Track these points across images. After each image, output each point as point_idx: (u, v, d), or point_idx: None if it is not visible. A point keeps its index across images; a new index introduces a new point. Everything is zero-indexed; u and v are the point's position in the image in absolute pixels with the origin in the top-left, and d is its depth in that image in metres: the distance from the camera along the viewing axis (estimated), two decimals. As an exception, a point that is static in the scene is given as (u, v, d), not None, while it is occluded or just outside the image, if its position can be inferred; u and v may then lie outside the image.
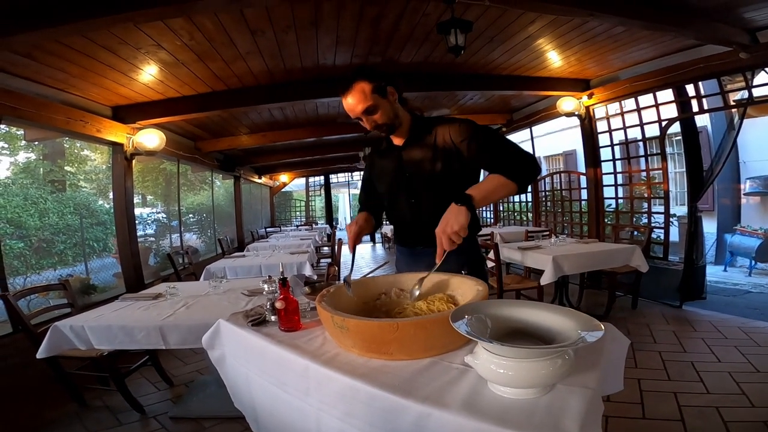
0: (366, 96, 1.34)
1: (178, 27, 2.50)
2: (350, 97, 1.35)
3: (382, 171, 1.60)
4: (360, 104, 1.35)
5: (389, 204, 1.61)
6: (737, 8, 2.65)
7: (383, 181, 1.61)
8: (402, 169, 1.50)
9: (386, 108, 1.39)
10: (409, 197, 1.50)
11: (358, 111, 1.37)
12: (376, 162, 1.63)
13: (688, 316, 3.57)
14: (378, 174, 1.63)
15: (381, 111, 1.37)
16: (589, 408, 0.74)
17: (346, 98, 1.37)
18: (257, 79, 3.66)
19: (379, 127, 1.41)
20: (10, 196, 4.37)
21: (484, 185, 1.30)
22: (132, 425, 2.27)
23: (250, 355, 1.27)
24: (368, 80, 1.34)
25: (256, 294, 2.34)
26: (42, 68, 2.79)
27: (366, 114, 1.37)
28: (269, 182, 11.04)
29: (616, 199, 4.79)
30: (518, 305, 0.96)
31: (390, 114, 1.40)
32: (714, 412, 2.04)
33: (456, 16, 2.54)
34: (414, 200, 1.49)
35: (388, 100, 1.39)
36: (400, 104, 1.46)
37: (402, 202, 1.54)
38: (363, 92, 1.34)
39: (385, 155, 1.57)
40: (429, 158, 1.43)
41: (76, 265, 4.74)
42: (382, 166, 1.59)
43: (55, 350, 2.06)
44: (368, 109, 1.36)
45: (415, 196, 1.49)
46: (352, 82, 1.35)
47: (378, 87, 1.35)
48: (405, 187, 1.51)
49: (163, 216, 6.54)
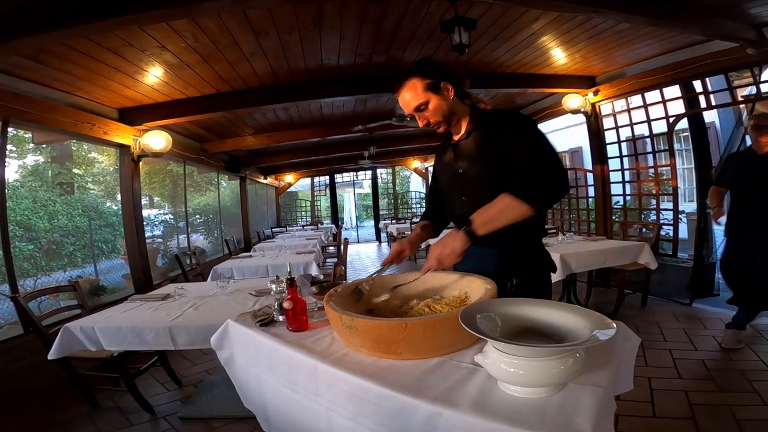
0: (417, 93, 1.31)
1: (183, 29, 2.52)
2: (403, 94, 1.33)
3: (442, 167, 1.56)
4: (412, 101, 1.32)
5: (446, 200, 1.57)
6: (743, 4, 2.61)
7: (441, 178, 1.57)
8: (455, 166, 1.45)
9: (439, 104, 1.33)
10: (461, 195, 1.45)
11: (410, 108, 1.34)
12: (441, 157, 1.58)
13: (698, 314, 3.53)
14: (439, 170, 1.59)
15: (432, 108, 1.33)
16: (602, 407, 0.74)
17: (400, 94, 1.34)
18: (261, 80, 3.68)
19: (430, 124, 1.37)
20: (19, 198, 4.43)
21: (489, 209, 1.21)
22: (142, 425, 2.29)
23: (260, 355, 1.27)
24: (421, 76, 1.30)
25: (263, 294, 2.35)
26: (49, 71, 2.82)
27: (417, 111, 1.34)
28: (275, 182, 11.08)
29: (623, 196, 4.75)
30: (528, 304, 0.95)
31: (444, 111, 1.35)
32: (727, 411, 2.01)
33: (459, 14, 2.53)
34: (465, 198, 1.43)
35: (441, 96, 1.33)
36: (459, 98, 1.40)
37: (455, 200, 1.49)
38: (414, 89, 1.31)
39: (446, 151, 1.52)
40: (480, 156, 1.36)
41: (86, 266, 4.79)
42: (442, 161, 1.55)
43: (66, 351, 2.08)
44: (420, 106, 1.33)
45: (467, 194, 1.43)
46: (405, 78, 1.32)
47: (431, 83, 1.31)
48: (458, 185, 1.45)
49: (170, 217, 6.59)
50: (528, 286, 1.33)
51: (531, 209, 1.18)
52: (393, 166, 12.79)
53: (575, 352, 0.78)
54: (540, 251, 1.42)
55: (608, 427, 0.73)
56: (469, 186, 1.40)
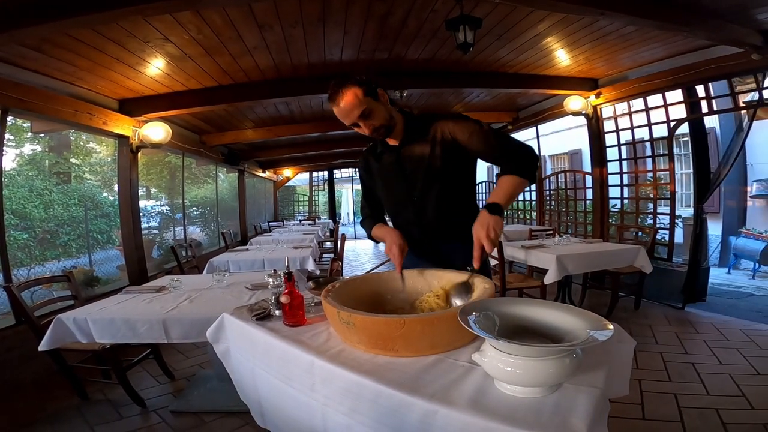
0: (360, 100, 1.31)
1: (187, 21, 2.50)
2: (342, 103, 1.32)
3: (380, 173, 1.58)
4: (355, 109, 1.32)
5: (391, 206, 1.60)
6: (751, 9, 2.61)
7: (383, 184, 1.59)
8: (402, 167, 1.49)
9: (381, 110, 1.38)
10: (412, 195, 1.49)
11: (354, 116, 1.34)
12: (373, 166, 1.60)
13: (690, 318, 3.55)
14: (377, 177, 1.61)
15: (376, 113, 1.36)
16: (597, 407, 0.74)
17: (338, 105, 1.32)
18: (264, 73, 3.66)
19: (377, 129, 1.39)
20: (15, 187, 4.39)
21: (504, 190, 1.35)
22: (133, 419, 2.27)
23: (255, 349, 1.27)
24: (358, 85, 1.32)
25: (259, 288, 2.33)
26: (50, 61, 2.80)
27: (362, 118, 1.35)
28: (273, 176, 11.05)
29: (621, 199, 4.77)
30: (526, 303, 0.96)
31: (386, 115, 1.39)
32: (714, 414, 2.04)
33: (465, 12, 2.52)
34: (417, 198, 1.49)
35: (380, 101, 1.38)
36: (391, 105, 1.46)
37: (404, 202, 1.52)
38: (356, 96, 1.31)
39: (381, 157, 1.55)
40: (428, 154, 1.44)
41: (80, 256, 4.76)
42: (380, 168, 1.57)
43: (58, 343, 2.05)
44: (364, 113, 1.34)
45: (418, 193, 1.48)
46: (341, 87, 1.31)
47: (369, 90, 1.34)
48: (406, 186, 1.50)
49: (167, 209, 6.56)
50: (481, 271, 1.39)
51: (528, 181, 1.39)
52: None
53: (572, 353, 0.78)
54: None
55: (603, 428, 0.74)
56: (422, 184, 1.47)
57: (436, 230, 1.50)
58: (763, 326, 3.24)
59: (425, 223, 1.50)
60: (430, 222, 1.49)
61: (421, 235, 1.52)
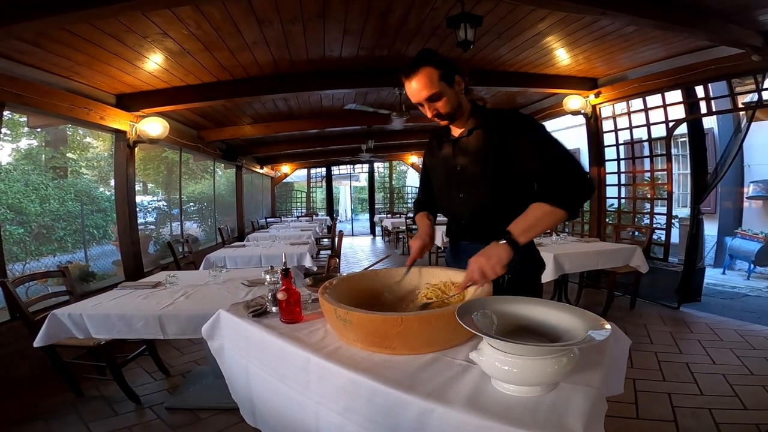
0: (433, 82, 1.27)
1: (186, 16, 2.48)
2: (415, 81, 1.28)
3: (437, 161, 1.55)
4: (425, 90, 1.28)
5: (439, 195, 1.56)
6: (753, 10, 2.61)
7: (436, 172, 1.56)
8: (454, 162, 1.43)
9: (451, 96, 1.31)
10: (458, 191, 1.44)
11: (422, 96, 1.30)
12: (435, 151, 1.57)
13: (685, 318, 3.58)
14: (434, 164, 1.58)
15: (445, 99, 1.30)
16: (593, 407, 0.74)
17: (410, 82, 1.29)
18: (262, 69, 3.63)
19: (440, 115, 1.34)
20: (11, 182, 4.36)
21: (526, 218, 1.20)
22: (127, 415, 2.25)
23: (251, 346, 1.26)
24: (436, 66, 1.27)
25: (256, 284, 2.33)
26: (48, 56, 2.78)
27: (429, 101, 1.30)
28: (271, 172, 11.01)
29: (618, 198, 4.78)
30: (524, 302, 0.95)
31: (454, 103, 1.33)
32: (707, 414, 2.05)
33: (466, 10, 2.51)
34: (462, 195, 1.43)
35: (454, 89, 1.32)
36: (464, 94, 1.40)
37: (451, 196, 1.48)
38: (430, 78, 1.26)
39: (442, 145, 1.51)
40: (481, 153, 1.35)
41: (76, 251, 4.73)
42: (438, 156, 1.54)
43: (53, 339, 2.04)
44: (433, 96, 1.29)
45: (464, 191, 1.43)
46: (420, 66, 1.27)
47: (446, 74, 1.28)
48: (455, 181, 1.44)
49: (164, 204, 6.53)
50: (519, 284, 1.32)
51: (566, 214, 1.21)
52: (390, 160, 12.76)
53: (569, 352, 0.78)
54: (531, 249, 1.42)
55: (599, 428, 0.74)
56: (468, 183, 1.40)
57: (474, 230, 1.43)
58: (756, 327, 3.27)
59: (465, 221, 1.45)
60: (470, 221, 1.43)
61: (461, 231, 1.49)
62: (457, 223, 1.49)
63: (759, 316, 3.77)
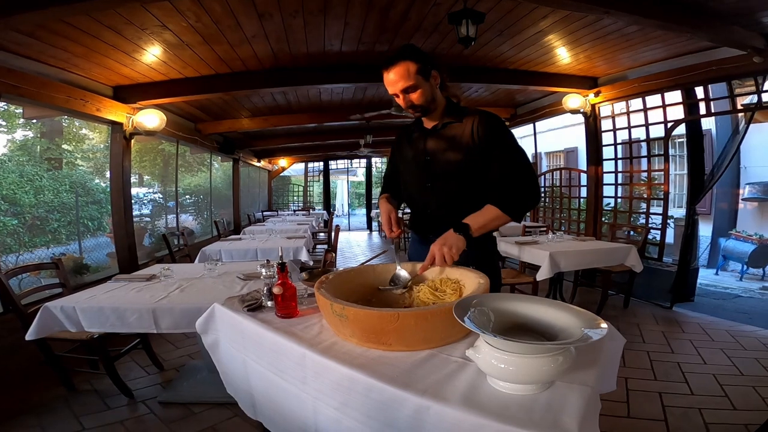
0: (410, 75, 1.34)
1: (186, 8, 2.46)
2: (393, 73, 1.35)
3: (407, 152, 1.60)
4: (401, 81, 1.35)
5: (407, 186, 1.62)
6: (755, 12, 2.61)
7: (405, 162, 1.61)
8: (425, 153, 1.50)
9: (426, 90, 1.38)
10: (426, 182, 1.51)
11: (398, 88, 1.37)
12: (404, 142, 1.63)
13: (677, 318, 3.60)
14: (403, 154, 1.63)
15: (420, 91, 1.37)
16: (588, 406, 0.74)
17: (388, 73, 1.36)
18: (261, 63, 3.61)
19: (414, 107, 1.41)
20: (5, 172, 4.31)
21: (482, 217, 1.35)
22: (120, 409, 2.23)
23: (247, 341, 1.26)
24: (415, 60, 1.34)
25: (251, 278, 2.31)
26: (45, 47, 2.75)
27: (405, 92, 1.38)
28: (268, 166, 10.97)
29: (615, 198, 4.80)
30: (521, 300, 0.95)
31: (428, 97, 1.40)
32: (696, 414, 2.07)
33: (468, 6, 2.50)
34: (430, 185, 1.50)
35: (429, 83, 1.39)
36: (440, 89, 1.46)
37: (418, 187, 1.54)
38: (407, 70, 1.34)
39: (412, 136, 1.57)
40: (451, 147, 1.44)
41: (70, 243, 4.69)
42: (408, 147, 1.60)
43: (45, 332, 2.01)
44: (408, 88, 1.36)
45: (432, 182, 1.50)
46: (399, 59, 1.34)
47: (423, 68, 1.36)
48: (423, 172, 1.51)
49: (160, 196, 6.48)
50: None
51: (512, 219, 1.38)
52: (388, 155, 12.71)
53: (566, 351, 0.78)
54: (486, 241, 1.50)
55: (594, 426, 0.74)
56: (437, 174, 1.48)
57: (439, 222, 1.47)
58: (748, 328, 3.29)
59: (430, 212, 1.52)
60: (435, 213, 1.50)
61: (426, 223, 1.55)
62: (423, 213, 1.55)
63: (751, 317, 3.81)
